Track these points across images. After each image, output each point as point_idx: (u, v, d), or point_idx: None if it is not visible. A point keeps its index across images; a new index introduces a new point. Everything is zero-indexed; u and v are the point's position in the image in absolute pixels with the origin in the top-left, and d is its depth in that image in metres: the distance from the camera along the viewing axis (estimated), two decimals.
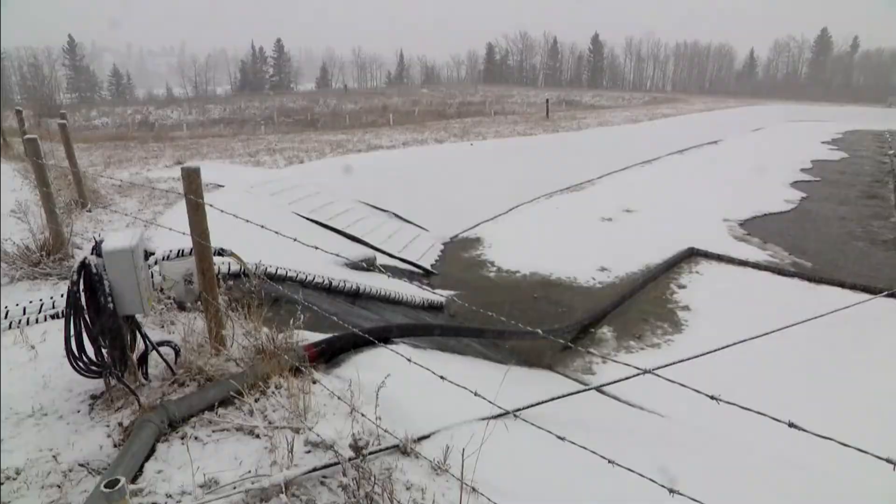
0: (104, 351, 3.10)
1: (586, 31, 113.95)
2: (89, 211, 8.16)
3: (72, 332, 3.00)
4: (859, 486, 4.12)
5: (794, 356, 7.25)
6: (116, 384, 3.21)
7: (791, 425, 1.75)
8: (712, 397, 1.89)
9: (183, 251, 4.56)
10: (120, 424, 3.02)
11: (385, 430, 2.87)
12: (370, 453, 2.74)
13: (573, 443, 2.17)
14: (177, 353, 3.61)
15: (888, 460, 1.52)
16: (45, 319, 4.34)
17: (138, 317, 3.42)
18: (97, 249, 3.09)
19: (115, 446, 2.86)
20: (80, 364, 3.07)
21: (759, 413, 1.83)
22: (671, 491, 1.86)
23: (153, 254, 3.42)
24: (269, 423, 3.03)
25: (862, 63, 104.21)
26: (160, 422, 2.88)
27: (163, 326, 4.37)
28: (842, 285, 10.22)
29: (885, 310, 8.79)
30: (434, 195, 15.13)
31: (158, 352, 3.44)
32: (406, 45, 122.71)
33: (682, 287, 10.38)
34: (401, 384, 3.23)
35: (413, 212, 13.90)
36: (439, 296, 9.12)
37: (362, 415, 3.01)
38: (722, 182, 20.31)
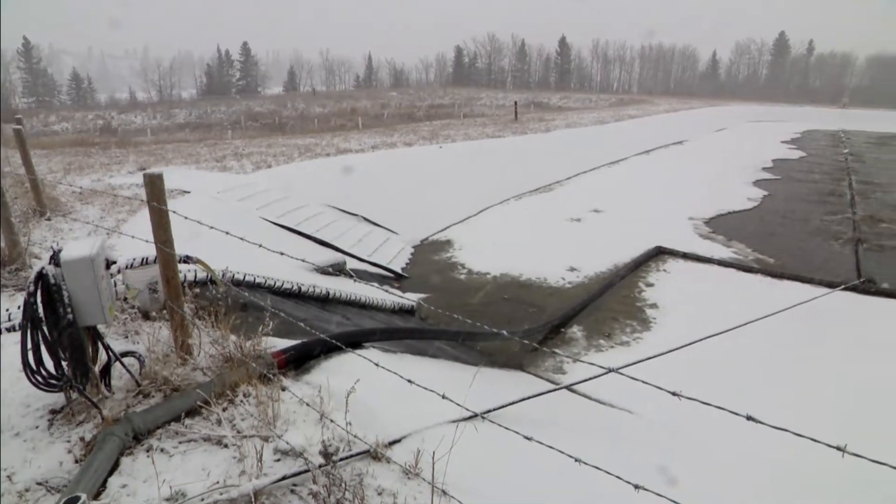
0: (64, 363, 3.02)
1: (554, 33, 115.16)
2: (48, 219, 7.92)
3: (29, 345, 2.92)
4: (819, 476, 4.25)
5: (757, 350, 7.45)
6: (78, 397, 3.13)
7: (749, 418, 1.81)
8: (674, 393, 1.93)
9: (147, 259, 4.48)
10: (82, 439, 2.94)
11: (355, 436, 2.86)
12: (340, 459, 2.73)
13: (540, 442, 2.20)
14: (141, 363, 3.54)
15: (838, 448, 1.58)
16: (0, 333, 4.20)
17: (100, 327, 3.34)
18: (55, 259, 3.01)
19: (76, 462, 2.79)
20: (39, 378, 2.97)
21: (718, 407, 1.89)
22: (636, 487, 1.90)
23: (115, 262, 3.34)
24: (238, 432, 2.98)
25: (818, 65, 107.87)
26: (124, 434, 2.81)
27: (127, 336, 4.27)
28: (802, 280, 10.55)
29: (843, 303, 9.11)
30: (404, 198, 15.11)
31: (122, 363, 3.37)
32: (374, 47, 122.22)
33: (649, 285, 10.57)
34: (371, 389, 3.22)
35: (383, 215, 13.85)
36: (410, 299, 9.11)
37: (332, 421, 2.99)
38: (687, 181, 20.82)
